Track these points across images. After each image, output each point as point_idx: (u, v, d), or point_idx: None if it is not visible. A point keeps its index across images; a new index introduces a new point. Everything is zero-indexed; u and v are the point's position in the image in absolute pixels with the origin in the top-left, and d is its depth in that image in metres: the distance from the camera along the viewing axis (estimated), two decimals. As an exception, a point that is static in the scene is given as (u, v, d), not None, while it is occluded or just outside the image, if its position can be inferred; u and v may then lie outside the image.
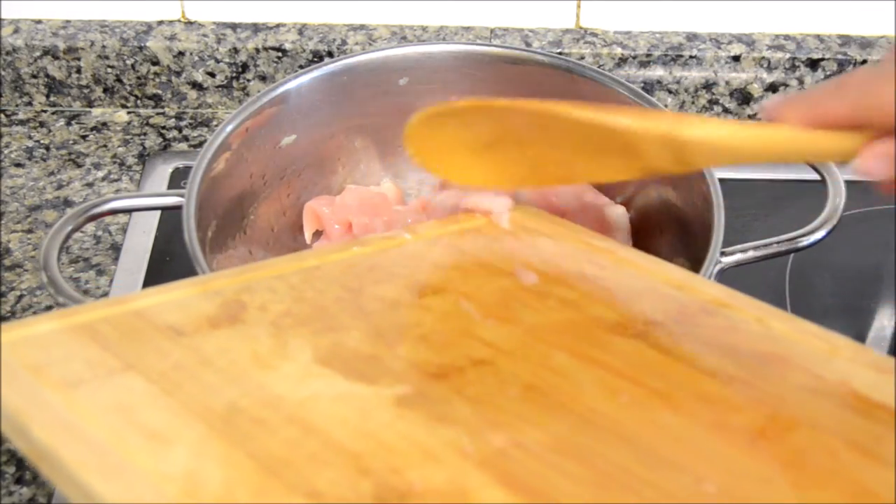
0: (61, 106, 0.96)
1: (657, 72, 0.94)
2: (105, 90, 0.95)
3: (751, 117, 0.96)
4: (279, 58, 0.93)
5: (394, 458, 0.39)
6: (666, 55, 0.93)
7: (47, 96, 0.95)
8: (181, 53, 0.93)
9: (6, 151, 0.91)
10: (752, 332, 0.49)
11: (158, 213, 0.83)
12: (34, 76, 0.94)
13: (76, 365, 0.43)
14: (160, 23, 0.94)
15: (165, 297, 0.49)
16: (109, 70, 0.94)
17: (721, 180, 0.66)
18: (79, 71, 0.94)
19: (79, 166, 0.90)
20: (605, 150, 0.55)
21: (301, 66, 0.93)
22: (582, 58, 0.92)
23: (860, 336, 0.78)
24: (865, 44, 0.94)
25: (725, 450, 0.41)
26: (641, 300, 0.53)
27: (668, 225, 0.73)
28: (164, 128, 0.94)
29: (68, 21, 0.94)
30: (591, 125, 0.54)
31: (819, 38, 0.95)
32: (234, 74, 0.94)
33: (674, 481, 0.39)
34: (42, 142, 0.92)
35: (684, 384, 0.45)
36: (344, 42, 0.93)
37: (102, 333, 0.45)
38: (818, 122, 0.48)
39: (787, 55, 0.93)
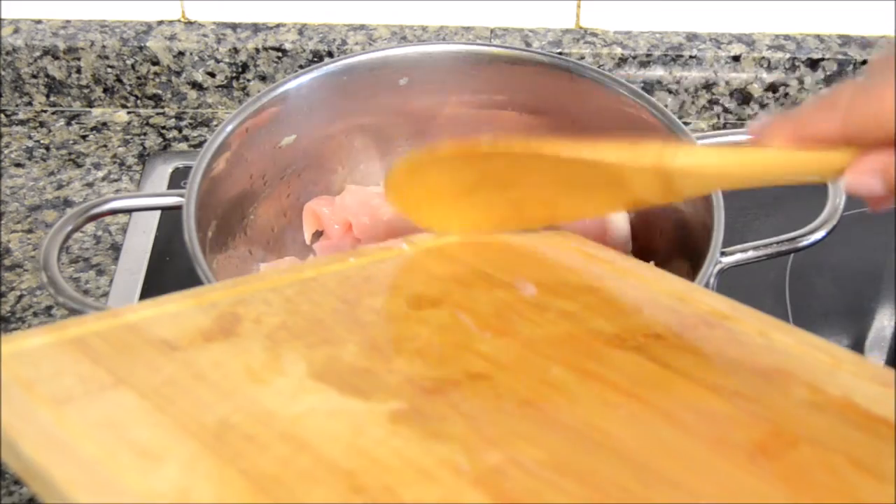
0: (61, 106, 0.96)
1: (657, 72, 0.94)
2: (105, 90, 0.95)
3: (751, 117, 0.96)
4: (279, 58, 0.93)
5: (387, 475, 0.38)
6: (666, 55, 0.93)
7: (47, 96, 0.95)
8: (181, 53, 0.93)
9: (6, 151, 0.91)
10: (754, 345, 0.49)
11: (158, 213, 0.83)
12: (34, 76, 0.94)
13: (68, 380, 0.43)
14: (160, 23, 0.94)
15: (159, 310, 0.49)
16: (109, 70, 0.94)
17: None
18: (79, 71, 0.94)
19: (79, 166, 0.90)
20: (591, 185, 0.55)
21: (301, 66, 0.93)
22: (582, 58, 0.92)
23: (860, 337, 0.78)
24: (865, 44, 0.94)
25: (725, 466, 0.40)
26: (641, 312, 0.52)
27: (668, 225, 0.73)
28: (164, 128, 0.94)
29: (68, 21, 0.94)
30: (575, 162, 0.54)
31: (819, 38, 0.95)
32: (234, 74, 0.94)
33: (672, 498, 0.38)
34: (42, 142, 0.92)
35: (684, 399, 0.44)
36: (344, 42, 0.93)
37: (94, 348, 0.45)
38: (807, 142, 0.47)
39: (787, 55, 0.93)
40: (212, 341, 0.47)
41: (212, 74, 0.94)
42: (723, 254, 0.65)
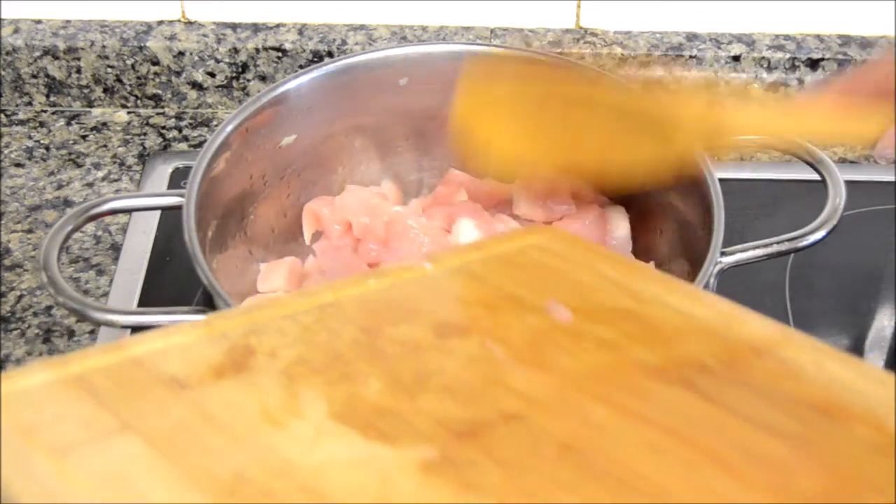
0: (61, 106, 0.96)
1: (657, 72, 0.94)
2: (105, 90, 0.95)
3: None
4: (279, 58, 0.93)
5: None
6: (666, 55, 0.93)
7: (47, 96, 0.95)
8: (181, 53, 0.93)
9: (6, 151, 0.91)
10: (808, 377, 0.45)
11: (158, 213, 0.83)
12: (34, 76, 0.94)
13: (71, 424, 0.40)
14: (160, 23, 0.94)
15: (167, 341, 0.46)
16: (109, 70, 0.94)
17: (721, 180, 0.66)
18: (79, 71, 0.94)
19: (79, 166, 0.90)
20: (643, 130, 0.55)
21: (301, 66, 0.93)
22: (582, 58, 0.92)
23: (860, 337, 0.78)
24: (865, 44, 0.94)
25: None
26: (685, 339, 0.49)
27: (668, 225, 0.73)
28: (164, 128, 0.94)
29: (68, 21, 0.94)
30: (630, 105, 0.54)
31: (819, 38, 0.95)
32: (234, 74, 0.94)
33: None
34: (42, 142, 0.92)
35: (737, 441, 0.41)
36: (344, 42, 0.93)
37: (99, 387, 0.42)
38: (853, 92, 0.51)
39: (787, 55, 0.93)
40: (223, 378, 0.44)
41: (212, 74, 0.94)
42: (723, 254, 0.65)
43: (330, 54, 0.92)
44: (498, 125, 0.58)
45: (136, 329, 0.74)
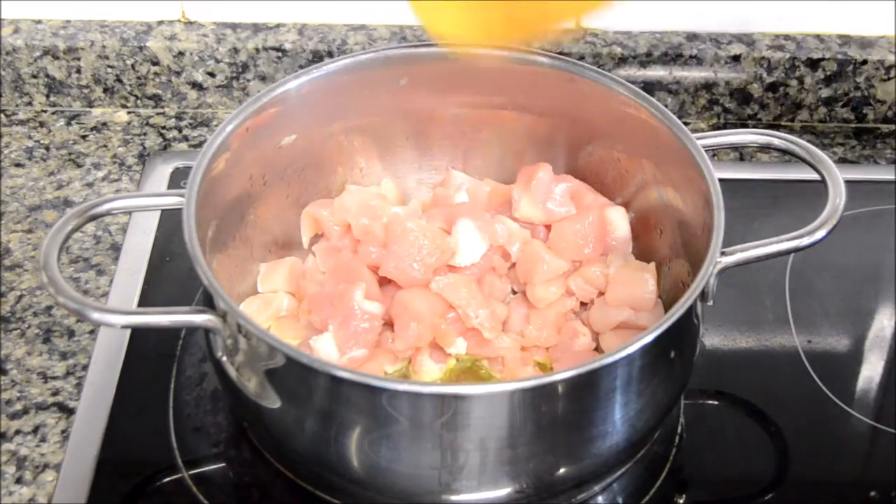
0: (61, 106, 0.96)
1: (657, 72, 0.94)
2: (105, 90, 0.95)
3: (751, 117, 0.96)
4: (279, 58, 0.93)
5: None
6: (666, 55, 0.93)
7: (47, 96, 0.95)
8: (181, 53, 0.93)
9: (6, 151, 0.91)
10: None
11: (158, 213, 0.83)
12: (34, 76, 0.94)
13: None
14: (160, 23, 0.94)
15: None
16: (109, 70, 0.94)
17: (721, 180, 0.66)
18: (79, 71, 0.94)
19: (79, 166, 0.90)
20: None
21: (301, 66, 0.93)
22: (582, 58, 0.92)
23: (860, 337, 0.78)
24: (865, 44, 0.94)
25: None
26: None
27: (668, 225, 0.73)
28: (164, 128, 0.94)
29: (68, 21, 0.94)
30: None
31: (819, 38, 0.95)
32: (234, 74, 0.94)
33: None
34: (42, 142, 0.92)
35: None
36: (344, 42, 0.93)
37: None
38: None
39: (787, 55, 0.93)
40: None
41: (212, 74, 0.94)
42: (723, 254, 0.65)
43: (330, 54, 0.92)
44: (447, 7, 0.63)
45: (136, 329, 0.75)
